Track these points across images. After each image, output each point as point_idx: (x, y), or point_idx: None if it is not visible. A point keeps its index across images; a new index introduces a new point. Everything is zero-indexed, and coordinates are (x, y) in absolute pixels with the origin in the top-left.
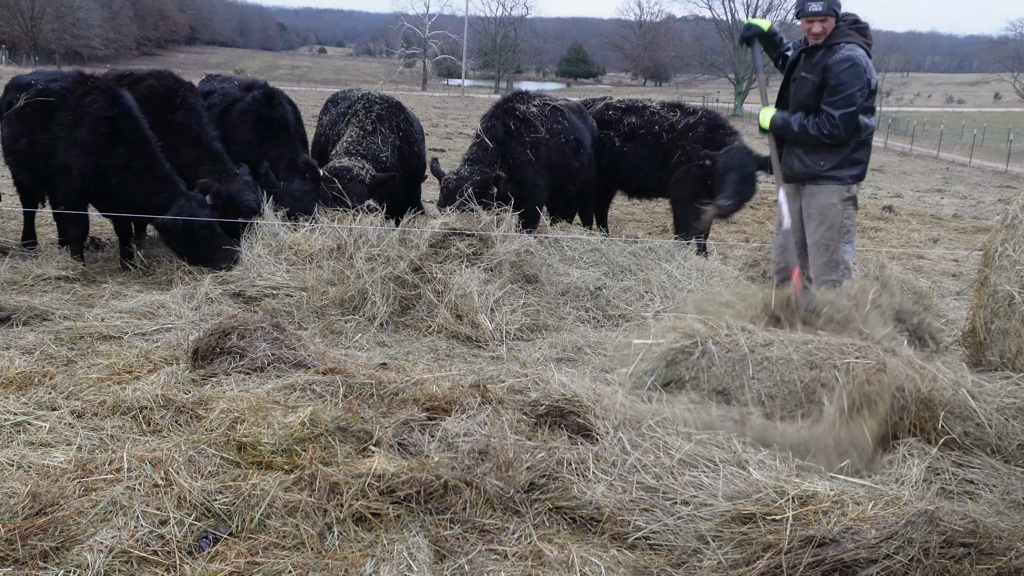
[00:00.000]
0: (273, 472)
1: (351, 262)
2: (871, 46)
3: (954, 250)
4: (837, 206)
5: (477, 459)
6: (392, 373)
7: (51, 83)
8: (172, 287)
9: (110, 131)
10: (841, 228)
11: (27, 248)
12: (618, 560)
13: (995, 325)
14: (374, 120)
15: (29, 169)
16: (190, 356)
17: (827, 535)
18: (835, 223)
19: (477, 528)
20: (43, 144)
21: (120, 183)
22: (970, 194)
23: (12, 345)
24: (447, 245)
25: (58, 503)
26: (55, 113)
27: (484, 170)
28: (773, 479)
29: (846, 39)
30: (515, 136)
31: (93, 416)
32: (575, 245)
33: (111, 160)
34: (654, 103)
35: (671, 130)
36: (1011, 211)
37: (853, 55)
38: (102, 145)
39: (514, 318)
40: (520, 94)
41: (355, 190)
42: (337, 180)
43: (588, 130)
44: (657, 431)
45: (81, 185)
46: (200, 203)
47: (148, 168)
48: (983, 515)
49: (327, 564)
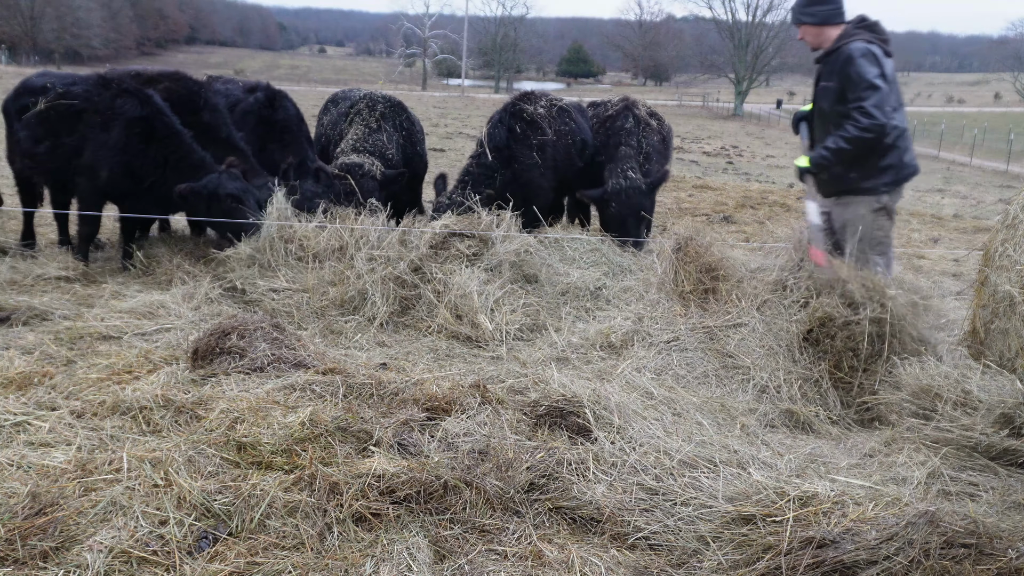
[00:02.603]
0: (273, 472)
1: (351, 262)
2: (886, 41)
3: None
4: (867, 217)
5: (477, 459)
6: (392, 373)
7: (72, 86)
8: (172, 287)
9: (142, 131)
10: (872, 239)
11: (26, 248)
12: (618, 560)
13: (995, 325)
14: (378, 119)
15: (49, 171)
16: (190, 356)
17: (827, 536)
18: (865, 234)
19: (477, 528)
20: (68, 146)
21: (157, 180)
22: (970, 194)
23: (12, 345)
24: (447, 246)
25: (58, 503)
26: (83, 115)
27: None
28: (773, 480)
29: (851, 39)
30: (521, 139)
31: (93, 416)
32: (575, 245)
33: (144, 159)
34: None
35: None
36: (1011, 211)
37: (850, 50)
38: (135, 145)
39: (514, 318)
40: (527, 95)
41: (367, 186)
42: (349, 176)
43: (590, 130)
44: (658, 432)
45: (106, 185)
46: (232, 176)
47: (184, 159)
48: (983, 516)
49: (327, 564)
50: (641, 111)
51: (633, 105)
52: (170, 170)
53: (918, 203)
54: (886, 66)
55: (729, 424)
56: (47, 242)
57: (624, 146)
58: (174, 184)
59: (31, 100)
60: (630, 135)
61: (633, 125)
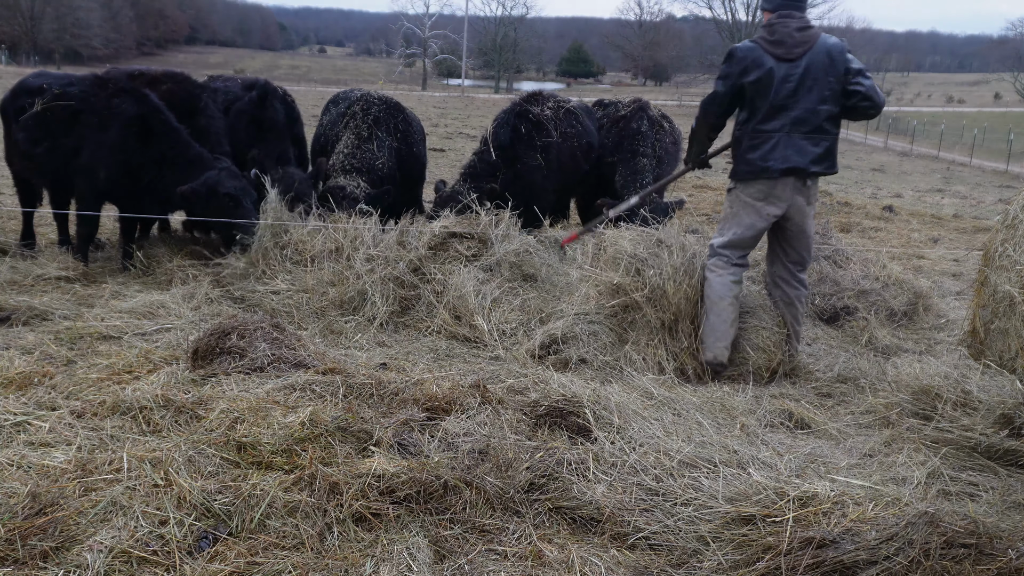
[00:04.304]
0: (273, 472)
1: (350, 263)
2: (770, 41)
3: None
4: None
5: (477, 459)
6: (392, 373)
7: (69, 87)
8: (172, 287)
9: (139, 130)
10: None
11: (26, 248)
12: (618, 560)
13: (995, 325)
14: (370, 125)
15: (47, 172)
16: (190, 356)
17: (827, 536)
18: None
19: (477, 528)
20: (66, 147)
21: (156, 177)
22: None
23: (12, 345)
24: (446, 247)
25: (58, 503)
26: (80, 116)
27: (479, 186)
28: (773, 480)
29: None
30: (525, 140)
31: (93, 416)
32: (575, 245)
33: (142, 157)
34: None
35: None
36: (1011, 211)
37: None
38: (132, 145)
39: (513, 317)
40: (535, 95)
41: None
42: (331, 198)
43: (596, 131)
44: (657, 432)
45: (104, 185)
46: (231, 174)
47: (182, 155)
48: (983, 516)
49: (327, 564)
50: (654, 113)
51: (646, 106)
52: (167, 167)
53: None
54: (747, 68)
55: (729, 424)
56: (47, 242)
57: (641, 156)
58: (171, 182)
59: (28, 101)
60: (645, 139)
61: (648, 128)
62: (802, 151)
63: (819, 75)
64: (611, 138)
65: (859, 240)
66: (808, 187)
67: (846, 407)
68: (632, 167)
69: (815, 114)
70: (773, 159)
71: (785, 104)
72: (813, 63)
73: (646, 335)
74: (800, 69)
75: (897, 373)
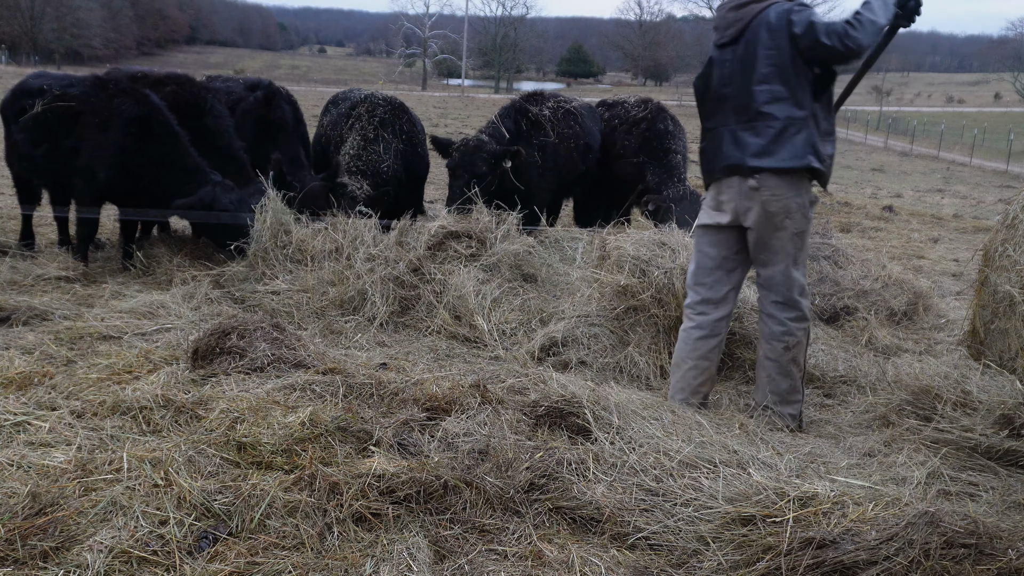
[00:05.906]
0: (273, 472)
1: (350, 263)
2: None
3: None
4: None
5: (477, 459)
6: (392, 373)
7: (68, 88)
8: (172, 287)
9: (139, 131)
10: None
11: (26, 248)
12: (618, 560)
13: (995, 325)
14: (376, 126)
15: (47, 172)
16: (190, 356)
17: (827, 537)
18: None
19: (477, 528)
20: (65, 148)
21: (153, 180)
22: (970, 194)
23: (12, 345)
24: (446, 248)
25: (58, 503)
26: (80, 117)
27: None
28: (773, 480)
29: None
30: (524, 137)
31: (93, 416)
32: (575, 245)
33: (141, 159)
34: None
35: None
36: (1011, 211)
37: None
38: (132, 145)
39: (513, 317)
40: (535, 95)
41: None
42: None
43: (599, 132)
44: (657, 432)
45: (104, 186)
46: (226, 188)
47: (179, 161)
48: (983, 516)
49: (327, 564)
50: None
51: (663, 106)
52: (164, 169)
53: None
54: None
55: (729, 424)
56: (47, 242)
57: (674, 153)
58: (167, 183)
59: (28, 102)
60: (674, 138)
61: (673, 127)
62: (740, 144)
63: (755, 52)
64: (632, 139)
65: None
66: (759, 189)
67: (846, 407)
68: (666, 165)
69: (751, 97)
70: (717, 158)
71: (724, 95)
72: (751, 41)
73: (649, 337)
74: (737, 52)
75: (897, 373)
